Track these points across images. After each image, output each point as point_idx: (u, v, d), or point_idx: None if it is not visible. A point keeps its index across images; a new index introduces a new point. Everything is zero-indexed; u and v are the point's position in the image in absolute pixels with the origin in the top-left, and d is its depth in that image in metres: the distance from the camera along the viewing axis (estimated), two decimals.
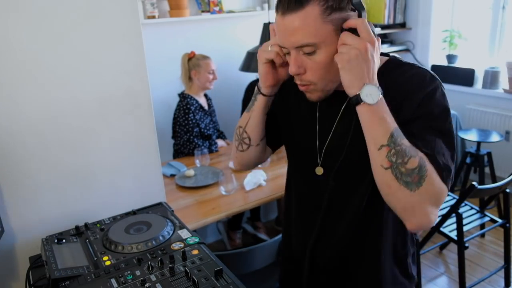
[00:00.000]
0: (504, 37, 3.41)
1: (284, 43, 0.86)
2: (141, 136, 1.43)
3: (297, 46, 0.84)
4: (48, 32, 1.20)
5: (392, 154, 0.82)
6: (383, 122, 0.83)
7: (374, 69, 0.84)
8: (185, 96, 2.76)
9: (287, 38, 0.84)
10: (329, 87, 0.90)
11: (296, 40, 0.83)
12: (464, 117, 3.53)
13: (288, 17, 0.82)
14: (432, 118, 0.88)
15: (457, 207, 2.16)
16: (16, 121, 1.20)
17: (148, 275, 0.98)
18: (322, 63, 0.85)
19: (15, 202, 1.25)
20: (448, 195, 2.58)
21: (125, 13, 1.30)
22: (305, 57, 0.86)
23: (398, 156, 0.82)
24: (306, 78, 0.88)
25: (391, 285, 1.05)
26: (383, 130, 0.83)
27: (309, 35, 0.81)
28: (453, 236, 2.25)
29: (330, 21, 0.81)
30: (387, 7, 3.75)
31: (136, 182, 1.46)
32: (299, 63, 0.86)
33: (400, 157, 0.82)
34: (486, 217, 2.44)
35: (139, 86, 1.39)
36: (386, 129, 0.83)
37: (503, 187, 2.22)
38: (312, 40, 0.82)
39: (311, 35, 0.81)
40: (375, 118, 0.83)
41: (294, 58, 0.86)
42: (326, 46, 0.83)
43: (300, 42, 0.83)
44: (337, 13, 0.81)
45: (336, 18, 0.82)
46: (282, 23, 0.84)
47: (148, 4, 2.85)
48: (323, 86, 0.89)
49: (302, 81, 0.89)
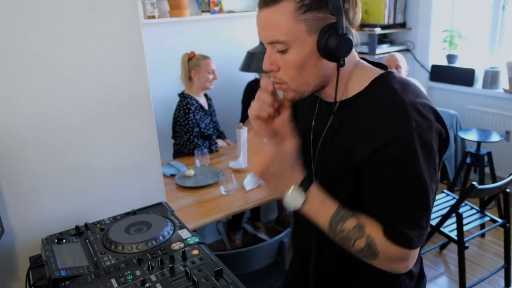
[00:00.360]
0: (504, 37, 3.40)
1: (260, 37, 0.86)
2: (141, 136, 1.43)
3: (270, 41, 0.83)
4: (48, 32, 1.20)
5: (337, 240, 0.85)
6: (318, 216, 0.85)
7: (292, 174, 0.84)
8: (185, 96, 2.76)
9: (262, 32, 0.84)
10: (302, 89, 0.87)
11: (269, 35, 0.83)
12: (464, 117, 3.53)
13: (264, 11, 0.82)
14: (396, 167, 0.80)
15: (457, 207, 2.16)
16: (16, 121, 1.20)
17: (148, 275, 0.98)
18: (293, 64, 0.83)
19: (15, 202, 1.25)
20: (448, 195, 2.59)
21: (125, 13, 1.30)
22: (279, 55, 0.84)
23: (342, 242, 0.85)
24: (278, 76, 0.86)
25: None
26: (321, 222, 0.85)
27: (280, 32, 0.80)
28: (453, 236, 2.25)
29: (303, 20, 0.79)
30: (387, 7, 3.75)
31: (136, 182, 1.46)
32: (272, 60, 0.85)
33: (345, 242, 0.84)
34: (486, 217, 2.44)
35: (139, 86, 1.39)
36: (323, 221, 0.85)
37: (503, 187, 2.22)
38: (283, 37, 0.81)
39: (282, 32, 0.80)
40: (310, 214, 0.86)
41: (268, 54, 0.85)
42: (298, 46, 0.81)
43: (271, 38, 0.82)
44: (313, 13, 0.79)
45: (311, 18, 0.79)
46: (258, 16, 0.84)
47: (148, 4, 2.85)
48: (295, 87, 0.86)
49: (275, 79, 0.87)
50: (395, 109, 0.80)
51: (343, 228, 0.83)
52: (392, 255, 0.84)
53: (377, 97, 0.84)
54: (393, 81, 0.86)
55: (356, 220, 0.84)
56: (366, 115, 0.83)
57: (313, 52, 0.82)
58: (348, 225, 0.83)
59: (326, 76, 0.87)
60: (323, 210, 0.85)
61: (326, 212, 0.84)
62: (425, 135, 0.79)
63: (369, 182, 0.84)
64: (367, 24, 3.86)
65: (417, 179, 0.80)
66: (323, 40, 0.80)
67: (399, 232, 0.82)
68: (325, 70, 0.85)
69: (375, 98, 0.85)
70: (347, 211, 0.85)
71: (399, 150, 0.79)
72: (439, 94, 3.78)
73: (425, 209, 0.82)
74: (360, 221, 0.84)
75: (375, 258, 0.84)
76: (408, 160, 0.79)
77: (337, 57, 0.81)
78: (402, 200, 0.81)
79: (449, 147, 3.19)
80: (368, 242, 0.83)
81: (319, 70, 0.85)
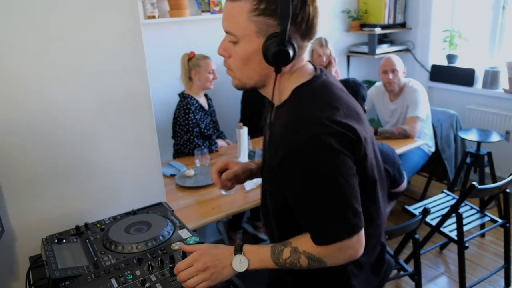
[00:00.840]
0: (504, 37, 3.40)
1: (222, 24, 0.95)
2: (141, 136, 1.43)
3: (226, 30, 0.94)
4: (48, 32, 1.20)
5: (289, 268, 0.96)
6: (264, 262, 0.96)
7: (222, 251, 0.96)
8: (185, 96, 2.76)
9: (223, 21, 0.94)
10: (244, 80, 0.97)
11: (226, 24, 0.93)
12: (464, 117, 3.54)
13: (228, 4, 0.92)
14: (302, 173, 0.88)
15: (457, 207, 2.16)
16: (16, 121, 1.20)
17: (148, 275, 0.98)
18: (239, 56, 0.93)
19: (15, 202, 1.25)
20: (448, 195, 2.59)
21: (125, 13, 1.30)
22: (231, 44, 0.94)
23: (293, 267, 0.95)
24: (228, 63, 0.97)
25: None
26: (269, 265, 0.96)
27: (233, 25, 0.91)
28: (453, 236, 2.25)
29: (254, 22, 0.88)
30: (387, 7, 3.75)
31: (136, 182, 1.46)
32: (225, 47, 0.95)
33: (295, 266, 0.95)
34: (486, 217, 2.44)
35: (139, 86, 1.39)
36: (269, 263, 0.96)
37: (503, 187, 2.22)
38: (234, 30, 0.91)
39: (234, 26, 0.90)
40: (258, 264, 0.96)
41: (223, 40, 0.96)
42: (246, 43, 0.91)
43: (226, 27, 0.93)
44: (265, 18, 0.87)
45: (262, 22, 0.88)
46: (224, 6, 0.94)
47: (148, 4, 2.85)
48: (239, 76, 0.97)
49: (226, 64, 0.98)
50: (295, 123, 0.89)
51: (285, 259, 0.94)
52: (333, 253, 0.92)
53: (289, 108, 0.94)
54: (308, 91, 0.95)
55: (289, 247, 0.95)
56: (279, 126, 0.93)
57: (258, 52, 0.91)
58: (286, 254, 0.94)
59: (266, 76, 0.96)
60: (263, 255, 0.96)
61: (266, 255, 0.95)
62: (322, 140, 0.86)
63: (284, 189, 0.93)
64: (367, 24, 3.86)
65: (323, 181, 0.87)
66: (265, 46, 0.89)
67: (323, 232, 0.90)
68: (266, 70, 0.94)
69: (288, 109, 0.95)
70: (279, 245, 0.96)
71: (298, 161, 0.87)
72: (439, 94, 3.78)
73: (343, 201, 0.89)
74: (292, 245, 0.95)
75: (324, 263, 0.93)
76: (312, 167, 0.87)
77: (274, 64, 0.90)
78: (318, 201, 0.89)
79: (449, 147, 3.20)
80: (308, 257, 0.93)
81: (262, 70, 0.94)
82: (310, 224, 0.92)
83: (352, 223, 0.89)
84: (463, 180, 3.05)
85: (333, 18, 3.85)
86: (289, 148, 0.87)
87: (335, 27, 3.89)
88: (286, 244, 0.95)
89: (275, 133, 0.94)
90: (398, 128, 2.77)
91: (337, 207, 0.89)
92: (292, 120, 0.90)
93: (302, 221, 0.94)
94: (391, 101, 3.04)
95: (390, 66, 2.91)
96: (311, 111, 0.90)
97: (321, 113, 0.89)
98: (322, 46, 3.16)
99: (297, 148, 0.86)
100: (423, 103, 2.88)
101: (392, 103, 3.04)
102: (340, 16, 3.89)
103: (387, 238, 1.82)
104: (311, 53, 3.21)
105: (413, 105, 2.86)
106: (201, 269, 0.92)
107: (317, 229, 0.91)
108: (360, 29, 3.89)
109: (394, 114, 3.03)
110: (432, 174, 3.31)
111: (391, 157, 2.03)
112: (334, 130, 0.87)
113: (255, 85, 0.98)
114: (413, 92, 2.90)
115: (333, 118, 0.89)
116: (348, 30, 3.96)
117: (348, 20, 3.93)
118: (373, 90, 3.19)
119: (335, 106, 0.92)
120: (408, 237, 2.00)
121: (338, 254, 0.93)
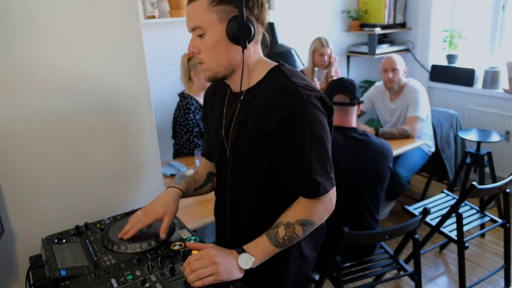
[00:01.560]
0: (504, 37, 3.40)
1: (187, 26, 1.07)
2: (141, 136, 1.43)
3: (192, 27, 1.05)
4: (48, 32, 1.20)
5: (290, 245, 1.07)
6: (266, 251, 1.04)
7: (228, 252, 1.02)
8: (185, 96, 2.76)
9: (187, 22, 1.06)
10: (216, 68, 1.08)
11: (190, 23, 1.05)
12: (464, 117, 3.54)
13: (188, 6, 1.05)
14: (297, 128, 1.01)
15: (457, 207, 2.16)
16: (16, 121, 1.20)
17: (148, 275, 0.98)
18: (209, 45, 1.05)
19: (15, 202, 1.25)
20: (448, 195, 2.59)
21: (125, 13, 1.30)
22: (199, 39, 1.06)
23: (293, 241, 1.06)
24: (199, 57, 1.08)
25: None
26: (272, 251, 1.05)
27: (197, 19, 1.03)
28: (453, 236, 2.25)
29: (215, 11, 1.02)
30: (387, 7, 3.75)
31: (136, 182, 1.46)
32: (194, 43, 1.07)
33: (295, 240, 1.06)
34: (486, 217, 2.44)
35: (139, 86, 1.39)
36: (271, 250, 1.05)
37: (503, 187, 2.22)
38: (199, 23, 1.03)
39: (198, 19, 1.03)
40: (263, 256, 1.04)
41: (192, 39, 1.08)
42: (211, 31, 1.03)
43: (192, 24, 1.05)
44: (223, 6, 1.02)
45: (221, 10, 1.02)
46: (186, 10, 1.07)
47: (148, 4, 2.85)
48: (210, 66, 1.08)
49: (198, 59, 1.09)
50: (288, 88, 1.03)
51: (282, 236, 1.04)
52: (318, 209, 1.06)
53: (272, 81, 1.07)
54: (284, 69, 1.09)
55: (281, 225, 1.05)
56: (265, 96, 1.05)
57: (224, 37, 1.04)
58: (281, 233, 1.04)
59: (235, 60, 1.07)
60: (263, 245, 1.04)
61: (265, 244, 1.04)
62: (312, 101, 1.03)
63: (279, 146, 1.04)
64: (367, 24, 3.86)
65: (316, 135, 1.02)
66: (228, 27, 1.02)
67: (314, 185, 1.03)
68: (234, 53, 1.06)
69: (270, 82, 1.08)
70: (271, 229, 1.05)
71: (299, 118, 1.00)
72: (439, 94, 3.78)
73: (326, 155, 1.05)
74: (282, 223, 1.05)
75: (314, 223, 1.06)
76: (306, 121, 1.01)
77: (239, 41, 1.02)
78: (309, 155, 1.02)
79: (449, 147, 3.20)
80: (301, 223, 1.05)
81: (229, 53, 1.06)
82: (301, 180, 1.04)
83: (331, 176, 1.06)
84: (463, 180, 3.05)
85: (333, 18, 3.85)
86: (287, 110, 1.00)
87: (335, 27, 3.89)
88: (277, 225, 1.06)
89: (259, 107, 1.05)
90: (399, 129, 2.77)
91: (323, 161, 1.04)
92: (282, 89, 1.03)
93: (293, 181, 1.06)
94: (391, 101, 3.04)
95: (390, 65, 2.91)
96: (298, 81, 1.04)
97: (305, 82, 1.06)
98: (323, 45, 3.16)
99: (295, 108, 1.00)
100: (423, 103, 2.88)
101: (392, 102, 3.04)
102: (340, 16, 3.89)
103: (387, 238, 1.83)
104: (312, 54, 3.20)
105: (413, 105, 2.86)
106: (213, 262, 0.97)
107: (309, 183, 1.03)
108: (360, 29, 3.89)
109: (394, 113, 3.03)
110: (432, 174, 3.31)
111: (392, 154, 2.03)
112: (318, 94, 1.05)
113: (225, 72, 1.09)
114: (413, 92, 2.90)
115: (314, 87, 1.07)
116: (348, 30, 3.96)
117: (348, 20, 3.93)
118: (373, 90, 3.19)
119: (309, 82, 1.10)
120: (408, 237, 2.00)
121: (321, 209, 1.07)
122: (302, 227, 1.05)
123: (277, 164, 1.07)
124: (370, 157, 1.94)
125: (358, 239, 1.80)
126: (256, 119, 1.06)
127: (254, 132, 1.07)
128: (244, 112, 1.09)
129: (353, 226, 1.74)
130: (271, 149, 1.06)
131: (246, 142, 1.09)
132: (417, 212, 2.38)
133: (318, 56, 3.18)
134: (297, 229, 1.05)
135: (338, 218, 1.43)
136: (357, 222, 1.91)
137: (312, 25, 3.65)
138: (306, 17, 3.66)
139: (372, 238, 1.90)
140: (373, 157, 1.94)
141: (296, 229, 1.05)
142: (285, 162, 1.06)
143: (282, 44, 2.59)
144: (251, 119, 1.08)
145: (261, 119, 1.05)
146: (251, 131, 1.07)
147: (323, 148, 1.04)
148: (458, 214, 2.17)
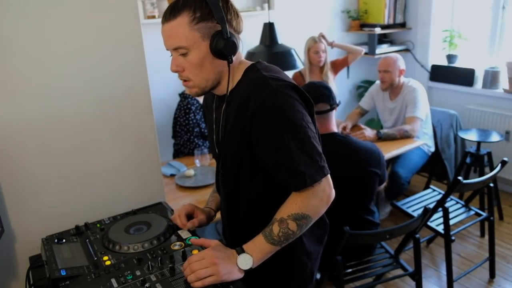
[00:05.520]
0: (504, 37, 3.40)
1: (165, 46, 1.06)
2: (141, 136, 1.43)
3: (174, 48, 1.04)
4: (48, 32, 1.20)
5: (287, 241, 1.04)
6: (264, 251, 1.03)
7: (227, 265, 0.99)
8: (185, 96, 2.76)
9: (166, 41, 1.04)
10: (203, 84, 1.08)
11: (172, 43, 1.03)
12: (464, 117, 3.53)
13: (166, 26, 1.02)
14: (274, 120, 0.99)
15: (444, 202, 2.18)
16: (16, 121, 1.20)
17: (148, 275, 0.98)
18: (194, 63, 1.04)
19: (15, 202, 1.25)
20: (434, 191, 2.66)
21: (125, 13, 1.30)
22: (182, 58, 1.04)
23: (289, 238, 1.03)
24: (184, 75, 1.07)
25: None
26: (271, 250, 1.03)
27: (180, 39, 1.01)
28: (440, 230, 2.28)
29: (197, 29, 1.01)
30: (387, 7, 3.75)
31: (136, 182, 1.46)
32: (178, 62, 1.06)
33: (291, 236, 1.03)
34: (471, 211, 2.49)
35: (139, 86, 1.39)
36: (269, 249, 1.03)
37: (487, 181, 2.25)
38: (183, 43, 1.01)
39: (181, 39, 1.01)
40: (262, 255, 1.03)
41: (173, 58, 1.06)
42: (195, 50, 1.02)
43: (174, 44, 1.03)
44: (204, 23, 1.00)
45: (203, 27, 1.01)
46: (162, 30, 1.04)
47: (148, 4, 2.85)
48: (198, 83, 1.08)
49: (182, 77, 1.08)
50: (258, 81, 1.03)
51: (277, 233, 1.02)
52: (310, 201, 1.02)
53: (247, 78, 1.08)
54: (258, 66, 1.09)
55: (275, 222, 1.03)
56: (241, 93, 1.05)
57: (208, 54, 1.03)
58: (275, 230, 1.02)
59: (220, 73, 1.08)
60: (260, 245, 1.03)
61: (262, 243, 1.03)
62: (285, 90, 1.01)
63: (257, 140, 1.02)
64: (367, 24, 3.86)
65: (293, 123, 1.00)
66: (214, 43, 1.02)
67: (299, 176, 0.99)
68: (219, 67, 1.07)
69: (246, 80, 1.08)
70: (267, 228, 1.03)
71: (270, 108, 0.99)
72: (439, 94, 3.78)
73: (310, 143, 1.01)
74: (276, 219, 1.03)
75: (309, 216, 1.03)
76: (278, 110, 0.99)
77: (225, 55, 1.03)
78: (289, 145, 0.99)
79: (449, 147, 3.20)
80: (294, 218, 1.02)
81: (215, 68, 1.06)
82: (286, 171, 1.01)
83: (321, 165, 1.02)
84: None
85: (333, 18, 3.85)
86: (258, 101, 1.00)
87: (335, 27, 3.89)
88: (272, 222, 1.04)
89: (235, 105, 1.05)
90: (400, 130, 2.78)
91: (307, 149, 1.00)
92: (253, 83, 1.03)
93: (278, 174, 1.03)
94: (391, 100, 3.04)
95: (382, 66, 2.93)
96: (269, 74, 1.04)
97: (277, 75, 1.06)
98: (316, 41, 3.15)
99: (265, 99, 0.99)
100: (422, 102, 2.88)
101: (391, 102, 3.04)
102: (340, 16, 3.89)
103: (388, 238, 1.82)
104: (307, 53, 3.19)
105: (412, 104, 2.86)
106: (213, 263, 0.97)
107: (293, 174, 1.00)
108: (360, 29, 3.89)
109: (393, 113, 3.03)
110: (432, 174, 3.31)
111: (380, 159, 1.98)
112: (291, 84, 1.04)
113: (212, 85, 1.09)
114: (412, 91, 2.90)
115: (288, 79, 1.07)
116: (348, 30, 3.96)
117: (348, 20, 3.93)
118: (374, 88, 3.19)
119: (285, 75, 1.10)
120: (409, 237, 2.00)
121: (314, 201, 1.02)
122: (295, 222, 1.01)
123: (260, 158, 1.05)
124: (347, 158, 1.88)
125: (359, 239, 1.80)
126: (234, 118, 1.06)
127: (235, 131, 1.06)
128: (228, 114, 1.10)
129: (340, 226, 1.71)
130: (252, 145, 1.04)
131: (230, 142, 1.09)
132: (404, 208, 2.50)
133: (313, 54, 3.17)
134: (290, 225, 1.01)
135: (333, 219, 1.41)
136: (345, 223, 1.83)
137: (312, 25, 3.65)
138: (306, 17, 3.66)
139: (373, 238, 1.90)
140: (349, 158, 1.89)
141: (290, 224, 1.01)
142: (267, 155, 1.03)
143: (282, 44, 2.59)
144: (232, 119, 1.07)
145: (238, 117, 1.04)
146: (233, 131, 1.07)
147: (305, 136, 1.00)
148: (445, 209, 2.19)
